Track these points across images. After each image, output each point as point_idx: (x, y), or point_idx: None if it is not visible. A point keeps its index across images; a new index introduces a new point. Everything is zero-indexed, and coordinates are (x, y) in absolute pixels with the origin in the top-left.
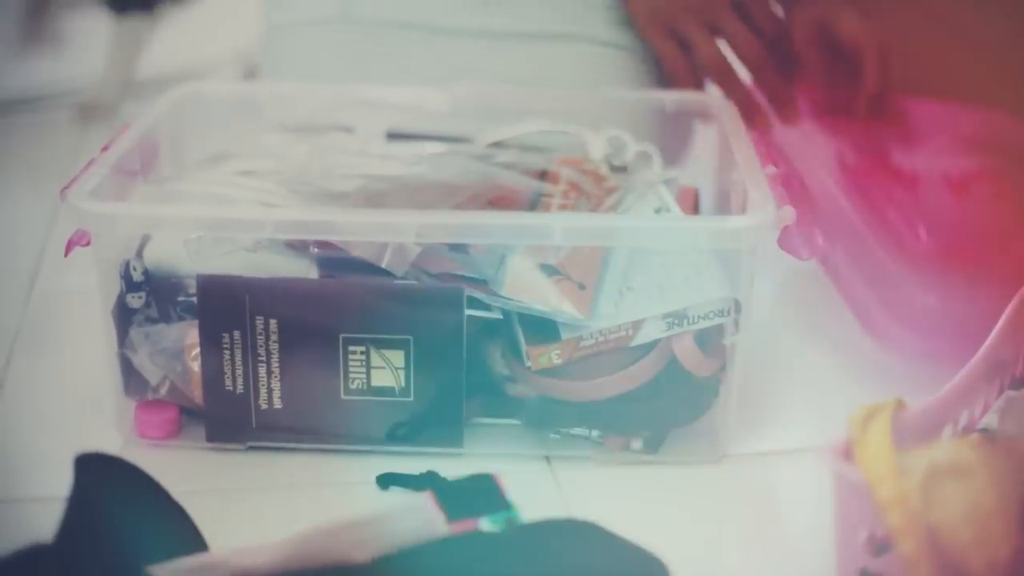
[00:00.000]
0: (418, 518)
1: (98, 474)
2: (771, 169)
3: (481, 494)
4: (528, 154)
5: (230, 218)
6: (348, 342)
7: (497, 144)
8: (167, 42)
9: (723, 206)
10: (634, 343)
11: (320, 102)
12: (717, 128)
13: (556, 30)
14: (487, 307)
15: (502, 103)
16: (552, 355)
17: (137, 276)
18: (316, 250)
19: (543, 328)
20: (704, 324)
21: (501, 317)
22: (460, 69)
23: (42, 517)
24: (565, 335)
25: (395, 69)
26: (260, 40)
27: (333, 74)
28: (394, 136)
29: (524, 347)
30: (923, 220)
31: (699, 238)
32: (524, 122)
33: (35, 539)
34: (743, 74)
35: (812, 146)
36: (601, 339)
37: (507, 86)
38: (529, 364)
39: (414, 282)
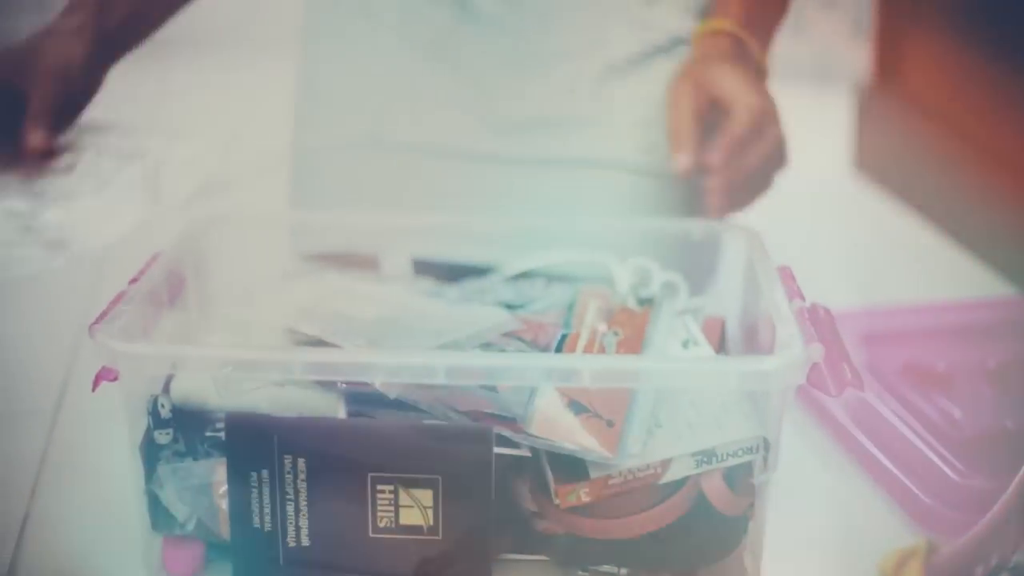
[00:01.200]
0: None
1: None
2: (799, 303)
3: None
4: (553, 287)
5: (258, 358)
6: (376, 481)
7: (523, 274)
8: None
9: (750, 337)
10: (663, 481)
11: (347, 229)
12: (744, 258)
13: (584, 156)
14: (515, 444)
15: (529, 230)
16: (580, 493)
17: (165, 413)
18: (343, 385)
19: (571, 466)
20: (733, 462)
21: (529, 455)
22: (489, 195)
23: None
24: (594, 473)
25: (425, 194)
26: (290, 162)
27: (362, 199)
28: (419, 263)
29: (552, 485)
30: (958, 406)
31: (729, 380)
32: (550, 251)
33: None
34: None
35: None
36: (630, 477)
37: (534, 214)
38: (558, 502)
39: (442, 421)
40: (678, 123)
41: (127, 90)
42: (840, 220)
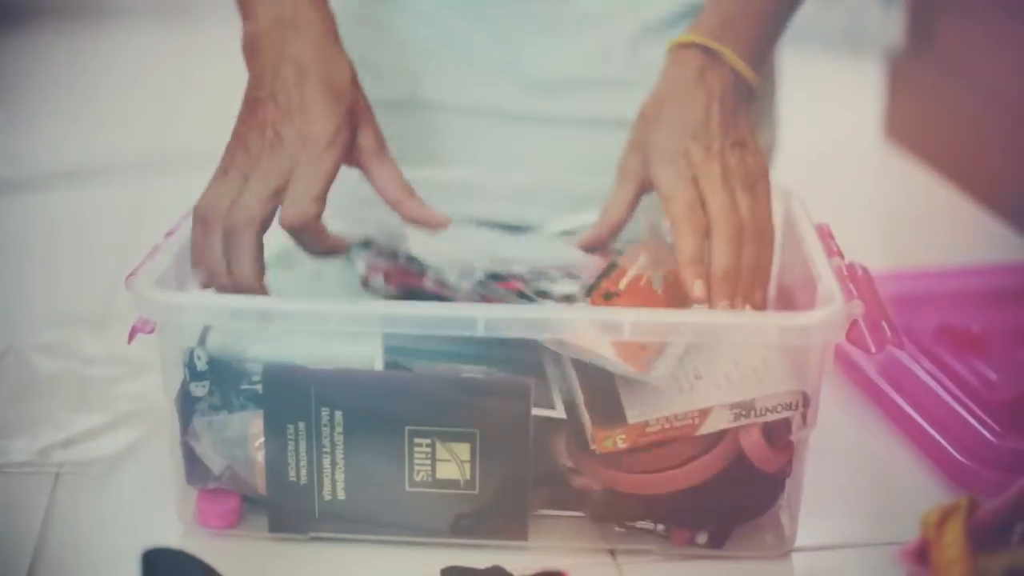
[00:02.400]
0: None
1: (165, 569)
2: (838, 260)
3: None
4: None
5: (296, 309)
6: (414, 434)
7: (564, 232)
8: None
9: (787, 295)
10: (700, 431)
11: None
12: (783, 215)
13: (620, 117)
14: (551, 405)
15: (567, 190)
16: (617, 439)
17: (201, 365)
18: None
19: (609, 412)
20: (772, 417)
21: (565, 417)
22: (525, 155)
23: None
24: (632, 419)
25: (461, 154)
26: None
27: (399, 158)
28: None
29: (590, 429)
30: (993, 369)
31: (769, 334)
32: (590, 210)
33: None
34: None
35: None
36: (667, 425)
37: (571, 174)
38: (594, 447)
39: (480, 375)
40: (609, 207)
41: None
42: (871, 187)
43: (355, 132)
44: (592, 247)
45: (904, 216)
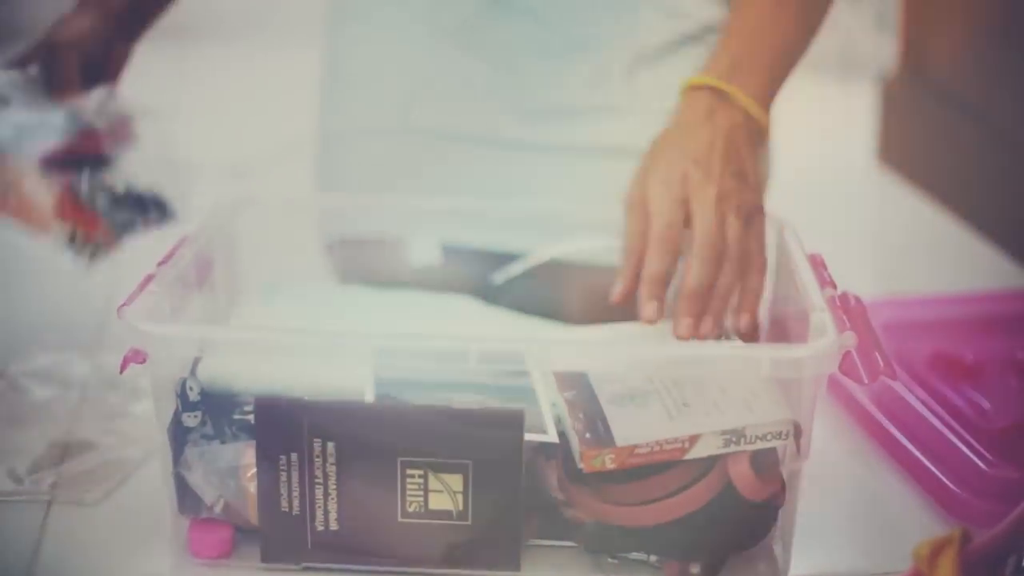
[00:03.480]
0: None
1: None
2: (831, 291)
3: None
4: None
5: (288, 342)
6: (406, 465)
7: (554, 260)
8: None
9: (781, 326)
10: (689, 455)
11: (375, 214)
12: (773, 246)
13: (613, 144)
14: (543, 430)
15: (560, 218)
16: (606, 459)
17: (193, 396)
18: None
19: (598, 435)
20: (761, 445)
21: (558, 441)
22: (518, 182)
23: None
24: (620, 441)
25: (451, 181)
26: (315, 146)
27: (390, 184)
28: (448, 250)
29: (579, 448)
30: (987, 397)
31: (761, 367)
32: (582, 238)
33: None
34: None
35: None
36: (656, 448)
37: (564, 201)
38: (582, 466)
39: (472, 407)
40: (627, 245)
41: (150, 75)
42: (864, 212)
43: None
44: (628, 296)
45: (897, 242)
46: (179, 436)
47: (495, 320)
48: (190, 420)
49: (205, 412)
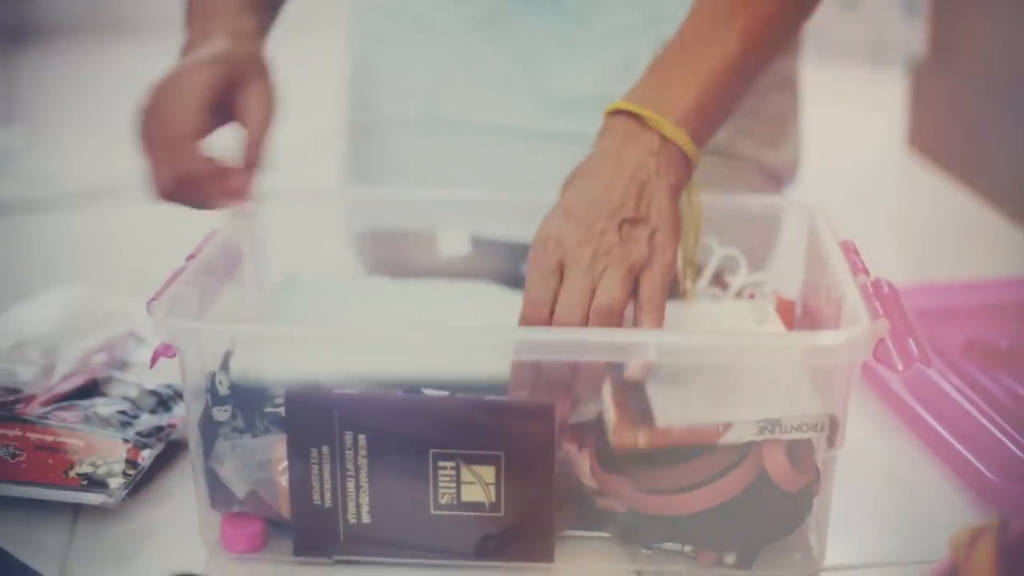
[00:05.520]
0: None
1: None
2: (864, 278)
3: None
4: None
5: (315, 333)
6: (438, 457)
7: None
8: None
9: (812, 314)
10: (722, 441)
11: (405, 206)
12: (805, 233)
13: None
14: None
15: None
16: (639, 436)
17: (223, 390)
18: None
19: (637, 415)
20: (796, 435)
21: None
22: (545, 174)
23: None
24: (660, 421)
25: (479, 172)
26: (342, 139)
27: (417, 176)
28: (477, 242)
29: (613, 423)
30: (1021, 384)
31: (794, 355)
32: None
33: None
34: None
35: None
36: (690, 431)
37: None
38: (615, 439)
39: (504, 398)
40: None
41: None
42: (894, 198)
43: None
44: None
45: (928, 228)
46: (210, 430)
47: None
48: (220, 414)
49: (236, 406)
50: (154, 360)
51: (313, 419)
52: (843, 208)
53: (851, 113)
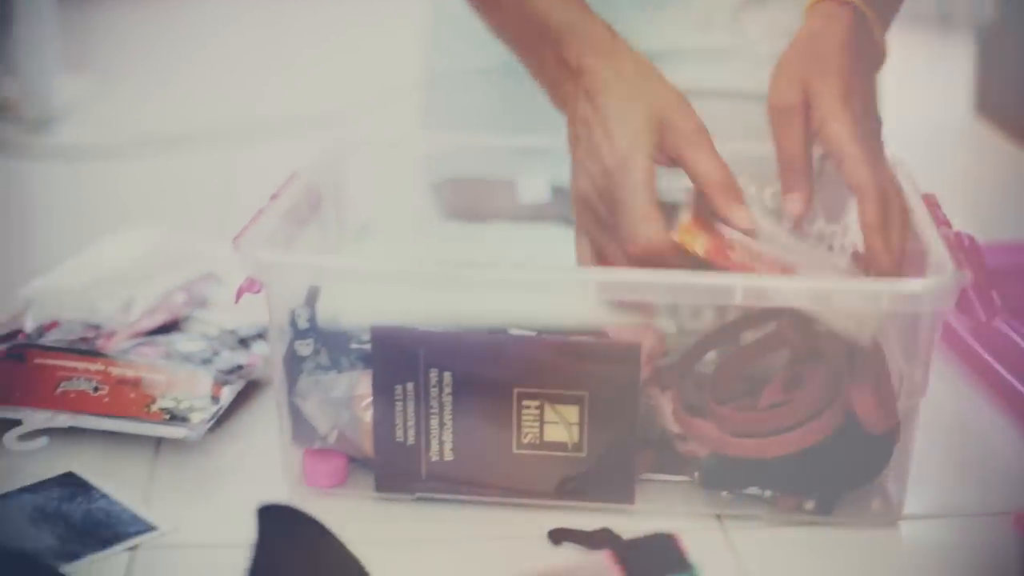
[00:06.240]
0: None
1: (280, 524)
2: (946, 230)
3: (661, 554)
4: None
5: (399, 271)
6: (522, 396)
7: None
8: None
9: None
10: (769, 284)
11: (484, 153)
12: None
13: (720, 87)
14: None
15: None
16: (698, 240)
17: (303, 323)
18: None
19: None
20: (836, 317)
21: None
22: None
23: (216, 563)
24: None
25: (557, 122)
26: (420, 85)
27: (495, 124)
28: (558, 190)
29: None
30: None
31: (880, 301)
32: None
33: None
34: None
35: None
36: (749, 255)
37: None
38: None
39: (589, 338)
40: (787, 155)
41: (250, 29)
42: (962, 163)
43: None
44: (806, 212)
45: (994, 192)
46: (293, 365)
47: None
48: (303, 348)
49: (320, 342)
50: (239, 296)
51: (399, 356)
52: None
53: (919, 78)
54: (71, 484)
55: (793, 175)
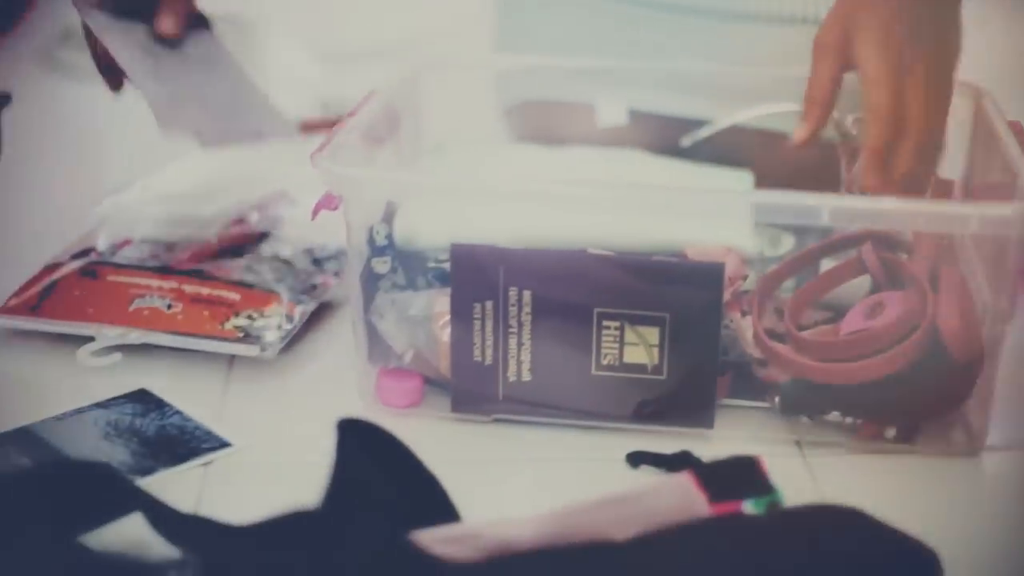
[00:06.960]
0: (679, 498)
1: (359, 439)
2: None
3: (743, 477)
4: None
5: (484, 187)
6: (602, 317)
7: (739, 126)
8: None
9: (975, 195)
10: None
11: (562, 76)
12: (969, 114)
13: (799, 14)
14: None
15: (743, 83)
16: None
17: (380, 239)
18: None
19: None
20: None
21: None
22: (699, 50)
23: (291, 478)
24: None
25: (633, 46)
26: (495, 10)
27: (569, 48)
28: (635, 114)
29: None
30: None
31: (970, 224)
32: (765, 104)
33: (298, 503)
34: None
35: None
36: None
37: (738, 66)
38: None
39: (672, 259)
40: (812, 89)
41: None
42: None
43: None
44: (808, 140)
45: None
46: (370, 283)
47: (670, 171)
48: (380, 266)
49: (395, 259)
50: (316, 212)
51: (478, 274)
52: None
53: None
54: (144, 400)
55: (810, 106)
